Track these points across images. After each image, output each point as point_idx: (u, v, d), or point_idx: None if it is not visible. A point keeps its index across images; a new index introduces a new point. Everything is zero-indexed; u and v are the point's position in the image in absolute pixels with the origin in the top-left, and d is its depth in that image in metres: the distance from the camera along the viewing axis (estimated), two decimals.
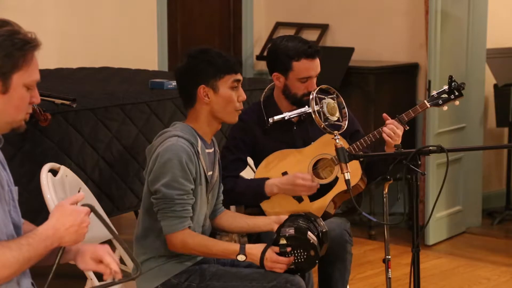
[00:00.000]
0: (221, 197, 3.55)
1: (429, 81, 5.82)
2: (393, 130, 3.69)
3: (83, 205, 2.40)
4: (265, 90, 3.96)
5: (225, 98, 3.30)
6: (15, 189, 2.48)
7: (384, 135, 3.70)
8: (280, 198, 3.75)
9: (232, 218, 3.55)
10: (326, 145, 3.66)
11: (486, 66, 6.48)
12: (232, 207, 3.83)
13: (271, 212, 3.75)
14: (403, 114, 3.76)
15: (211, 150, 3.39)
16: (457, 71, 5.72)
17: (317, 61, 3.80)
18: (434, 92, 3.83)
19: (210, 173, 3.35)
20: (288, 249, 3.20)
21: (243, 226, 3.52)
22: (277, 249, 3.22)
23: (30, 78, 2.35)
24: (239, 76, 3.34)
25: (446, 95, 3.79)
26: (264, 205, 3.77)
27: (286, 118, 3.77)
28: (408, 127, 3.76)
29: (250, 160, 3.96)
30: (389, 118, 3.77)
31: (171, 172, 3.18)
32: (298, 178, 3.69)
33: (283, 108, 3.85)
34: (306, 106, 3.69)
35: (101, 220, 2.44)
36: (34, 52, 2.35)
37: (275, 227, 3.36)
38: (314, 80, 3.80)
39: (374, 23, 6.81)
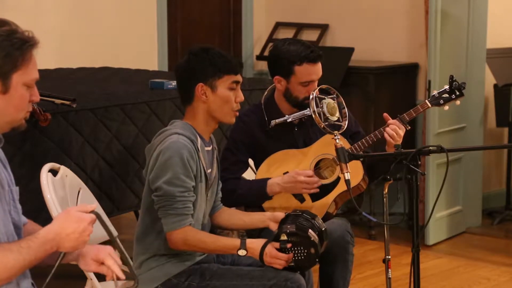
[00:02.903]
0: (220, 195, 3.55)
1: (429, 81, 5.82)
2: (395, 131, 3.68)
3: (89, 212, 2.39)
4: (266, 91, 3.95)
5: (223, 98, 3.30)
6: (15, 189, 2.48)
7: (386, 135, 3.69)
8: (281, 199, 3.74)
9: (229, 215, 3.55)
10: (328, 145, 3.64)
11: (486, 66, 6.47)
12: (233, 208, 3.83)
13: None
14: (404, 114, 3.75)
15: (210, 148, 3.39)
16: (457, 71, 5.71)
17: (319, 65, 3.78)
18: (435, 92, 3.83)
19: (209, 170, 3.35)
20: (289, 245, 3.21)
21: (238, 223, 3.52)
22: (277, 245, 3.22)
23: (30, 77, 2.35)
24: (238, 78, 3.33)
25: (447, 95, 3.79)
26: (266, 205, 3.77)
27: (288, 121, 3.77)
28: (409, 127, 3.76)
29: (251, 162, 3.95)
30: (389, 118, 3.75)
31: (173, 169, 3.18)
32: (300, 175, 3.68)
33: (284, 110, 3.84)
34: (308, 109, 3.67)
35: (105, 228, 2.43)
36: (33, 50, 2.34)
37: (271, 224, 3.37)
38: (316, 83, 3.78)
39: (374, 23, 6.80)
